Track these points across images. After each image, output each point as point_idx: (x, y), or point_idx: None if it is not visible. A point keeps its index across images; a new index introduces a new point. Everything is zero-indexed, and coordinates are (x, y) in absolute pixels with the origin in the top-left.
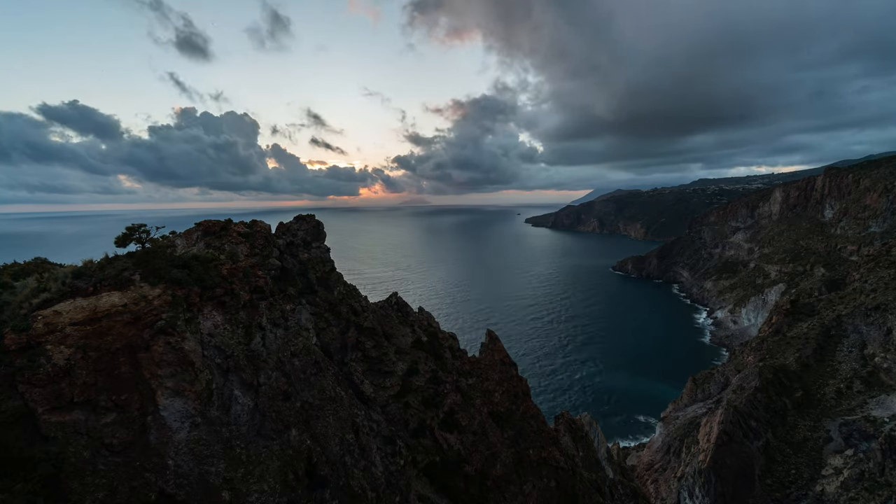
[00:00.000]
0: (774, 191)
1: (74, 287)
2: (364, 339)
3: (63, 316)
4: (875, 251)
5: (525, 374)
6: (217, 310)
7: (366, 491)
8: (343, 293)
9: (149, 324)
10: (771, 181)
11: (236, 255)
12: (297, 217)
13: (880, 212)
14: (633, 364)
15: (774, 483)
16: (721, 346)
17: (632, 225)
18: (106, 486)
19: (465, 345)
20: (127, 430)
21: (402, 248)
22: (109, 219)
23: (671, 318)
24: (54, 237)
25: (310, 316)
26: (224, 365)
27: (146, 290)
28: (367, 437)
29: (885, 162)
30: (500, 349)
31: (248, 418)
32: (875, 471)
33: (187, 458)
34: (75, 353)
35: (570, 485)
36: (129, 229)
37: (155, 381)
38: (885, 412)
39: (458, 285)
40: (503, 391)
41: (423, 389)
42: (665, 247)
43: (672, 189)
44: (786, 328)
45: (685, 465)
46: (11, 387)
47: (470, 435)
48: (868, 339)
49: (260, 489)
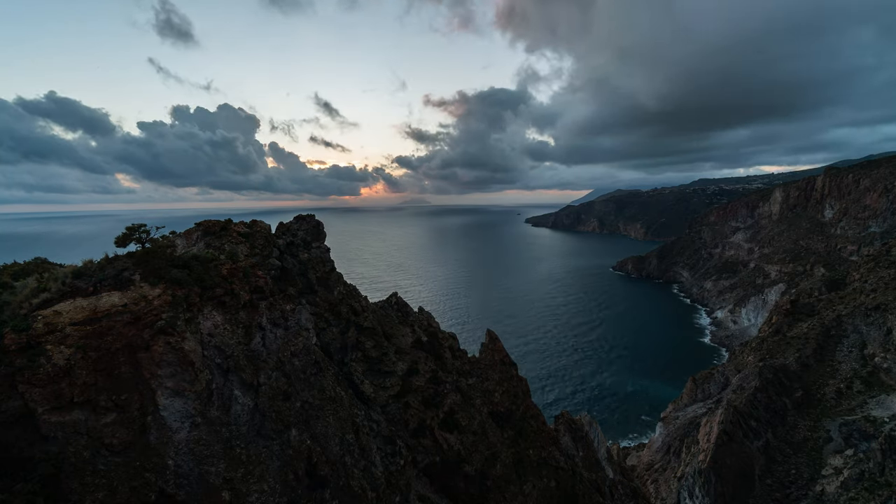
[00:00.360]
0: (774, 191)
1: (74, 287)
2: (364, 339)
3: (63, 316)
4: (875, 251)
5: (525, 374)
6: (217, 310)
7: (366, 491)
8: (343, 293)
9: (149, 324)
10: (771, 181)
11: (236, 255)
12: (296, 217)
13: (880, 212)
14: (633, 364)
15: (774, 483)
16: (721, 346)
17: (632, 225)
18: (106, 486)
19: (465, 345)
20: (127, 430)
21: (407, 249)
22: (109, 219)
23: (671, 318)
24: (51, 237)
25: (310, 316)
26: (224, 365)
27: (146, 290)
28: (367, 437)
29: (885, 162)
30: (500, 349)
31: (248, 418)
32: (875, 471)
33: (187, 458)
34: (75, 353)
35: (570, 485)
36: (129, 229)
37: (155, 381)
38: (885, 412)
39: (457, 285)
40: (503, 391)
41: (423, 389)
42: (665, 247)
43: (672, 189)
44: (786, 328)
45: (685, 465)
46: (11, 387)
47: (470, 435)
48: (868, 339)
49: (260, 489)
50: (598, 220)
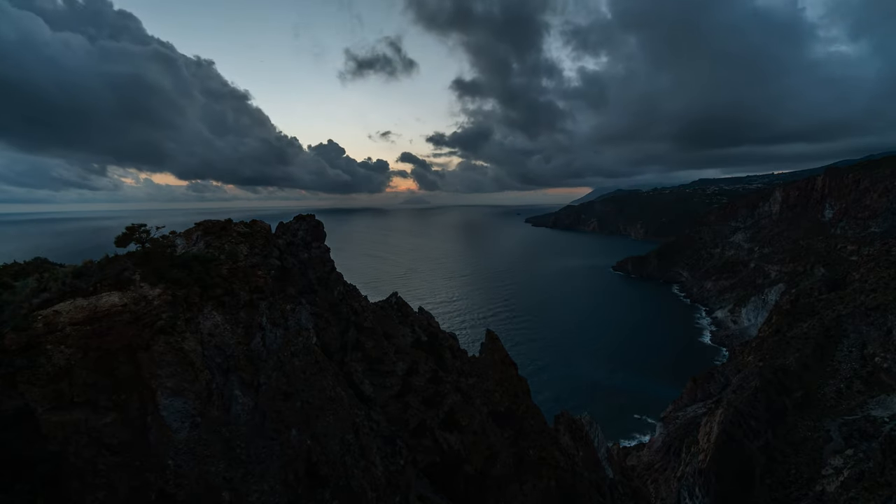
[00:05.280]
0: (774, 191)
1: (74, 287)
2: (364, 338)
3: (63, 316)
4: (875, 251)
5: (525, 374)
6: (217, 310)
7: (366, 491)
8: (343, 293)
9: (149, 324)
10: (771, 181)
11: (236, 255)
12: (296, 217)
13: (880, 212)
14: (634, 364)
15: (774, 483)
16: (721, 346)
17: (632, 225)
18: (106, 485)
19: (465, 345)
20: (127, 430)
21: (408, 249)
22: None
23: (671, 318)
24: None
25: (310, 316)
26: (224, 365)
27: (146, 290)
28: (367, 437)
29: (885, 162)
30: (500, 349)
31: (249, 418)
32: (875, 471)
33: (187, 458)
34: (75, 353)
35: (570, 485)
36: (129, 229)
37: (155, 381)
38: (885, 412)
39: (457, 285)
40: (503, 391)
41: (423, 389)
42: (665, 247)
43: (672, 189)
44: (786, 328)
45: (685, 465)
46: (11, 387)
47: (470, 435)
48: (868, 339)
49: (260, 489)
50: (598, 220)
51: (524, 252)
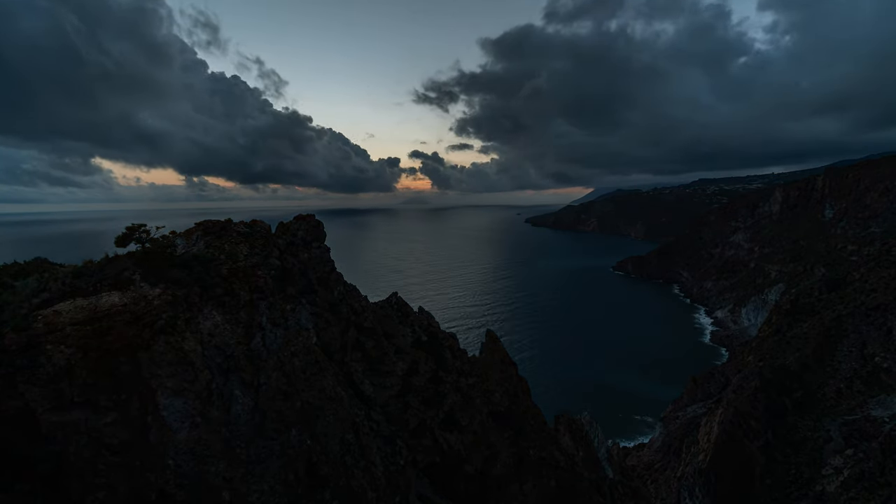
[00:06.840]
0: (774, 191)
1: (75, 287)
2: (364, 338)
3: (63, 316)
4: (875, 251)
5: (525, 374)
6: (217, 310)
7: (366, 491)
8: (343, 293)
9: (149, 324)
10: (771, 181)
11: (236, 255)
12: (296, 217)
13: (880, 212)
14: (634, 364)
15: (774, 483)
16: (721, 346)
17: (632, 225)
18: (106, 485)
19: (465, 345)
20: (127, 430)
21: (407, 250)
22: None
23: (671, 318)
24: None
25: (310, 316)
26: (224, 365)
27: (146, 290)
28: (367, 437)
29: (885, 162)
30: (500, 349)
31: (249, 418)
32: (875, 471)
33: (187, 458)
34: (75, 353)
35: (570, 485)
36: (129, 229)
37: (155, 381)
38: (885, 412)
39: (457, 285)
40: (503, 391)
41: (423, 389)
42: (665, 247)
43: (672, 189)
44: (786, 328)
45: (685, 465)
46: (12, 387)
47: (470, 435)
48: (868, 339)
49: (260, 489)
50: (598, 220)
51: (524, 252)
